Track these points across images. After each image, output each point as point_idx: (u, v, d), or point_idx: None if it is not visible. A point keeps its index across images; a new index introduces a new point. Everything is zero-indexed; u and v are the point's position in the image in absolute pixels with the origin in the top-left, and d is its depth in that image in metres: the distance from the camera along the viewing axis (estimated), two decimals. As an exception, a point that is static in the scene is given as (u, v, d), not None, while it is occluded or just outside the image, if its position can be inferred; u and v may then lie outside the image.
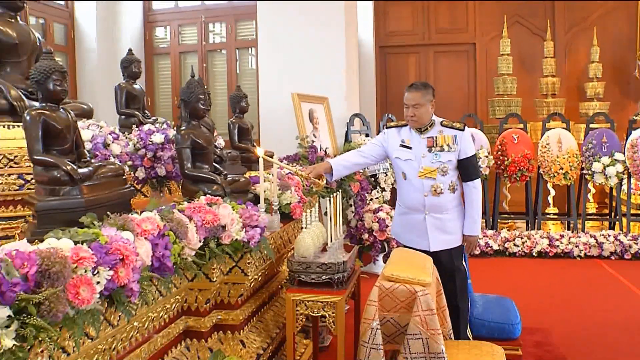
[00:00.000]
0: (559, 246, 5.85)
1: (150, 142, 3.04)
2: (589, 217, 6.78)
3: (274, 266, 2.93)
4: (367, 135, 6.17)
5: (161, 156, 3.04)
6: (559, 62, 7.68)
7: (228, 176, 2.75)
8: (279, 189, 2.98)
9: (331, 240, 2.67)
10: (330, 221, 2.68)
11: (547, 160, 6.28)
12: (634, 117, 6.33)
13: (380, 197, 5.58)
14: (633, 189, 6.67)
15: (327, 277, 2.56)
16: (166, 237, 1.82)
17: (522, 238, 5.99)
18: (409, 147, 3.07)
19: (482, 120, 7.12)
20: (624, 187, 6.29)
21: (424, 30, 8.19)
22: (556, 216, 7.08)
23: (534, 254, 5.89)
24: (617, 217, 6.23)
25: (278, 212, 2.84)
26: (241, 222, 2.34)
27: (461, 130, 3.04)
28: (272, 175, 2.89)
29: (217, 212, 2.21)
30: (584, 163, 6.24)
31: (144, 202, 2.85)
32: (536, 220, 6.46)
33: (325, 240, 2.85)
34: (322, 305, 2.50)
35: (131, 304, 1.62)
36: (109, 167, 2.16)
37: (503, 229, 6.24)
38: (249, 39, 7.65)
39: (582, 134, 6.62)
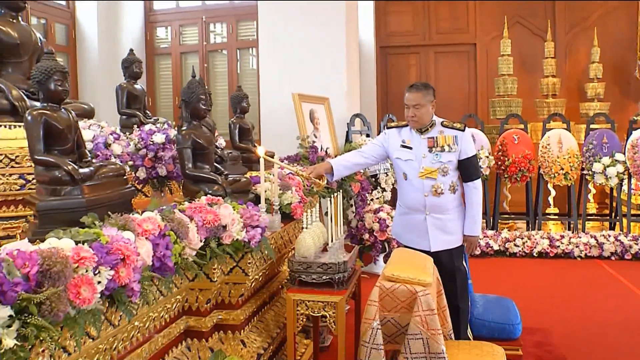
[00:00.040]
0: (559, 246, 5.86)
1: (151, 142, 3.04)
2: (589, 217, 6.78)
3: (275, 266, 2.93)
4: (367, 135, 6.17)
5: (162, 156, 3.04)
6: (560, 62, 7.67)
7: (229, 176, 2.75)
8: (280, 189, 2.98)
9: (332, 241, 2.67)
10: (331, 221, 2.68)
11: (548, 161, 6.28)
12: (635, 117, 6.33)
13: (380, 197, 5.58)
14: (633, 189, 6.67)
15: (327, 277, 2.56)
16: (167, 237, 1.82)
17: (522, 238, 5.99)
18: (410, 148, 3.07)
19: (483, 120, 7.12)
20: (625, 187, 6.29)
21: (425, 30, 8.19)
22: (556, 216, 7.08)
23: (534, 254, 5.89)
24: (618, 217, 6.23)
25: (279, 212, 2.84)
26: (242, 222, 2.34)
27: (462, 130, 3.04)
28: (273, 176, 2.89)
29: (218, 212, 2.21)
30: (584, 163, 6.24)
31: (145, 202, 2.86)
32: (537, 220, 6.46)
33: (325, 240, 2.85)
34: (323, 305, 2.51)
35: (132, 303, 1.62)
36: (110, 167, 2.16)
37: (503, 229, 6.24)
38: (250, 39, 7.65)
39: (582, 135, 6.62)
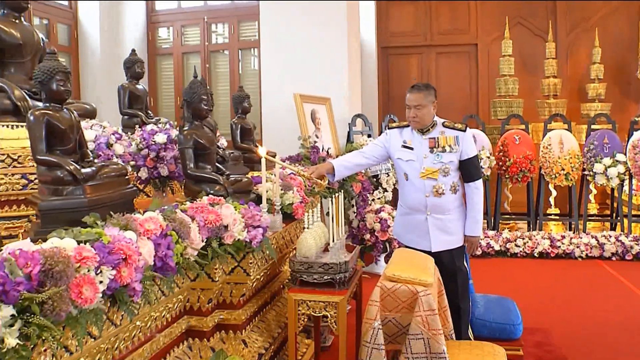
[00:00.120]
0: (560, 247, 5.85)
1: (153, 142, 3.05)
2: (590, 218, 6.78)
3: (276, 266, 2.94)
4: (369, 135, 6.17)
5: (164, 156, 3.05)
6: (561, 63, 7.66)
7: (230, 176, 2.76)
8: (281, 189, 2.98)
9: (333, 241, 2.67)
10: (332, 221, 2.68)
11: (549, 161, 6.27)
12: (636, 118, 6.32)
13: (382, 197, 5.58)
14: (634, 190, 6.65)
15: (329, 277, 2.56)
16: (169, 237, 1.83)
17: (523, 239, 5.99)
18: (411, 148, 3.07)
19: (484, 121, 7.12)
20: (626, 188, 6.28)
21: (426, 31, 8.18)
22: (557, 217, 7.07)
23: (535, 254, 5.89)
24: (619, 218, 6.22)
25: (280, 212, 2.85)
26: (243, 222, 2.34)
27: (463, 131, 3.04)
28: (275, 176, 2.89)
29: (219, 212, 2.21)
30: (585, 164, 6.24)
31: (146, 202, 2.86)
32: (537, 221, 6.45)
33: (327, 240, 2.85)
34: (324, 305, 2.51)
35: (134, 303, 1.63)
36: (111, 167, 2.17)
37: (504, 230, 6.24)
38: (252, 40, 7.65)
39: (583, 135, 6.61)
